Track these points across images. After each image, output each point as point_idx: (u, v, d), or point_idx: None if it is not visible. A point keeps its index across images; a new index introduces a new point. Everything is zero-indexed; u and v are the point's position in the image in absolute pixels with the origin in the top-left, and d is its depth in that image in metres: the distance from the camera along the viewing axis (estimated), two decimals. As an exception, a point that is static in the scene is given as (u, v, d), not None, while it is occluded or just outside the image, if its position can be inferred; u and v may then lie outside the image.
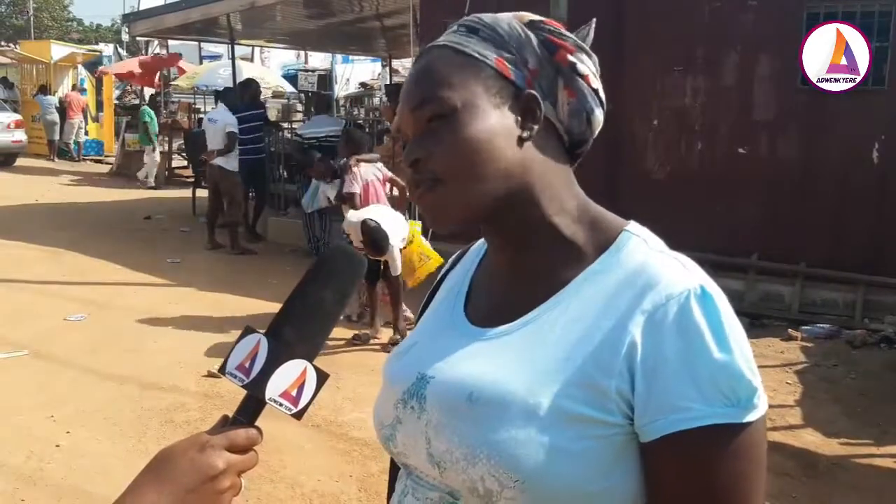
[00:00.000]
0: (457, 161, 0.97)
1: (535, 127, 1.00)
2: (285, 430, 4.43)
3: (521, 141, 0.99)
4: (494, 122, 0.98)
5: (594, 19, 1.09)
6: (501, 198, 0.99)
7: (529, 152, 1.00)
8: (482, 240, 1.12)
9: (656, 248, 0.98)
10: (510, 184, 0.99)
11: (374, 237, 5.98)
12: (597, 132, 1.06)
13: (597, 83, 1.03)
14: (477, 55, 0.99)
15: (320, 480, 4.20)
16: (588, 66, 1.03)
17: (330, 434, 4.72)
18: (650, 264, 0.95)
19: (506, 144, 0.98)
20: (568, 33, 1.03)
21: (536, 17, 1.03)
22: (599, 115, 1.04)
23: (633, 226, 1.02)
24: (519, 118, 0.99)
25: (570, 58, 1.01)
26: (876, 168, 7.16)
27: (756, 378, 0.90)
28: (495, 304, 1.04)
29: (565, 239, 1.01)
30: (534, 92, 1.00)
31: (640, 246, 0.98)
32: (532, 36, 1.01)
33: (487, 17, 1.03)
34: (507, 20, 1.02)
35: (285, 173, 11.32)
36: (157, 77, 17.25)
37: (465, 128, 0.97)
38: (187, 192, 12.81)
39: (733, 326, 0.90)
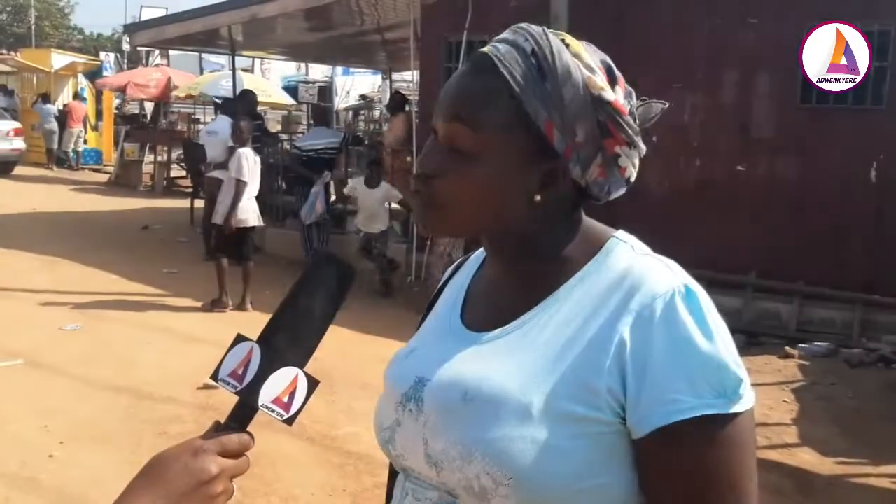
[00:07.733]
0: (462, 198, 1.00)
1: (553, 192, 1.01)
2: (280, 444, 4.41)
3: (532, 202, 1.01)
4: (514, 178, 1.00)
5: (667, 104, 1.07)
6: (495, 231, 1.05)
7: (538, 203, 1.01)
8: (482, 249, 1.15)
9: (642, 252, 1.02)
10: (508, 224, 1.03)
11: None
12: (612, 198, 1.07)
13: (631, 172, 1.05)
14: (530, 110, 0.97)
15: (314, 494, 4.17)
16: (630, 160, 1.03)
17: (324, 448, 4.69)
18: (636, 267, 0.98)
19: (517, 200, 1.01)
20: (628, 121, 1.01)
21: (608, 97, 0.99)
22: (620, 192, 1.06)
23: (620, 233, 1.05)
24: (540, 181, 1.00)
25: (617, 149, 1.02)
26: (874, 187, 7.17)
27: (741, 370, 0.93)
28: (491, 310, 1.07)
29: (558, 252, 1.04)
30: (569, 165, 1.00)
31: (626, 251, 1.02)
32: (593, 111, 0.99)
33: (564, 61, 0.98)
34: (580, 83, 0.98)
35: (283, 184, 11.33)
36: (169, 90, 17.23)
37: (482, 175, 0.99)
38: (186, 203, 12.80)
39: (717, 322, 0.94)
